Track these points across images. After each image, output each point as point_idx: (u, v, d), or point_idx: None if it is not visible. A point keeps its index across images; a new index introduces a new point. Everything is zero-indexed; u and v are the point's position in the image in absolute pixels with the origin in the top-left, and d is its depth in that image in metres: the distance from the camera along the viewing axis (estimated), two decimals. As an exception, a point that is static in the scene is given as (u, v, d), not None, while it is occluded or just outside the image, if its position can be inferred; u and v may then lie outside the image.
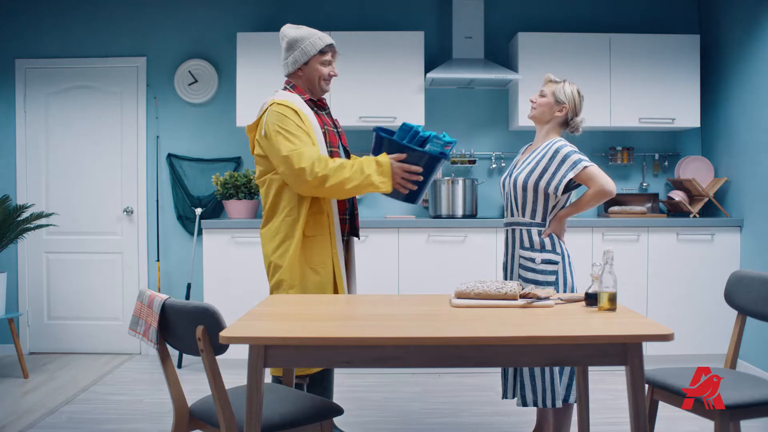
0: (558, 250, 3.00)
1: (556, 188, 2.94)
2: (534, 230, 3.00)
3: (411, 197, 2.97)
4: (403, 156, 2.85)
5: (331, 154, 2.97)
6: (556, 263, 2.98)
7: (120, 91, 5.28)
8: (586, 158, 2.97)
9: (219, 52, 5.27)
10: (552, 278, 2.96)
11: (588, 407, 2.67)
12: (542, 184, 2.95)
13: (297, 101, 2.94)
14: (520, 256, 3.02)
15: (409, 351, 1.97)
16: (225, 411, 2.06)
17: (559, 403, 2.94)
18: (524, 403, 2.98)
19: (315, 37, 2.98)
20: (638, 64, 4.92)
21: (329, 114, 3.14)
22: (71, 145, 5.28)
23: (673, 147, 5.33)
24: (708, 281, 4.64)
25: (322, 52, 2.97)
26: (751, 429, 3.46)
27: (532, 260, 2.98)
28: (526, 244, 3.01)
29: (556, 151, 2.96)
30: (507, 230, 3.12)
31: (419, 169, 2.86)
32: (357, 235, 3.19)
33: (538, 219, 3.00)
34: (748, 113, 4.61)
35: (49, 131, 5.28)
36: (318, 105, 3.06)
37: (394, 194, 2.94)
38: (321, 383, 3.13)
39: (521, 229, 3.03)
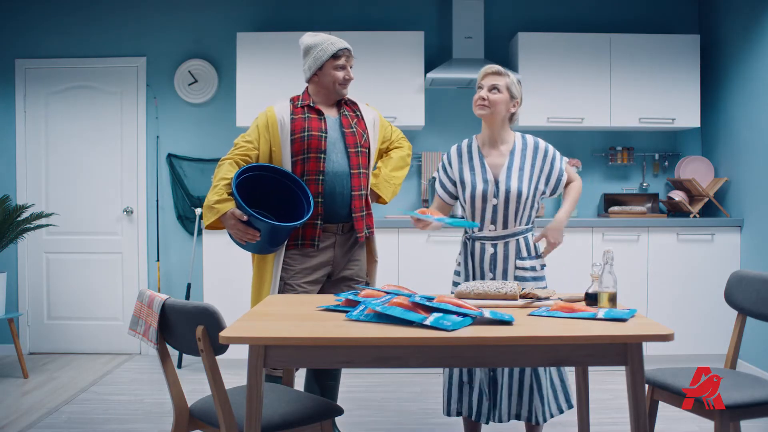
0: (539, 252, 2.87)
1: (556, 186, 2.85)
2: (529, 236, 2.83)
3: (259, 249, 2.94)
4: (245, 218, 2.81)
5: (309, 160, 2.95)
6: (545, 266, 2.88)
7: (120, 91, 5.27)
8: None
9: (219, 52, 5.26)
10: (544, 284, 2.85)
11: (588, 407, 2.66)
12: (541, 186, 2.82)
13: (280, 108, 3.03)
14: (519, 267, 2.79)
15: (409, 351, 1.97)
16: (225, 411, 2.06)
17: (573, 402, 2.84)
18: (545, 419, 2.77)
19: (327, 43, 3.00)
20: (638, 64, 4.92)
21: (340, 116, 3.08)
22: (71, 145, 5.28)
23: (673, 147, 5.33)
24: (708, 281, 4.63)
25: (335, 56, 2.98)
26: (751, 429, 3.46)
27: (533, 269, 2.81)
28: (524, 253, 2.79)
29: (546, 152, 2.82)
30: (488, 244, 2.80)
31: (255, 233, 2.83)
32: (314, 245, 3.01)
33: (530, 224, 2.85)
34: (748, 113, 4.61)
35: (49, 131, 5.28)
36: (316, 110, 3.02)
37: (238, 244, 2.91)
38: (323, 380, 3.13)
39: (518, 239, 2.79)
